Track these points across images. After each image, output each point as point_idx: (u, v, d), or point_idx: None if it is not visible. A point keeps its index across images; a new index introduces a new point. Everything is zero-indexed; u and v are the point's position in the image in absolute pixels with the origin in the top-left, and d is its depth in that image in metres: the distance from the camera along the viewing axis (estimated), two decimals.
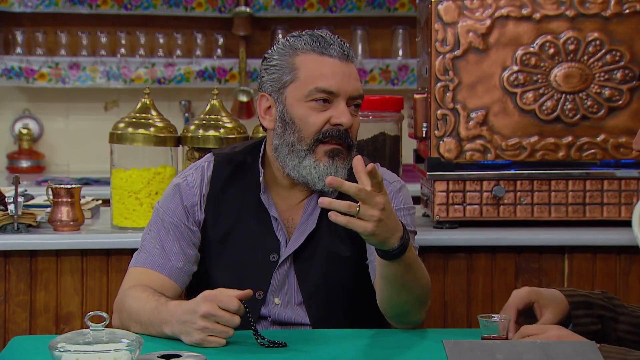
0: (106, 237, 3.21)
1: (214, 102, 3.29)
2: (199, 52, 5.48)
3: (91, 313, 1.99)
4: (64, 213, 3.21)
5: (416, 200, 3.01)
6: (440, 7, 3.24)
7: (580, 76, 3.25)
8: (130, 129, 3.22)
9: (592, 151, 3.27)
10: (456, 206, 3.27)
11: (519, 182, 3.27)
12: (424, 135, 3.28)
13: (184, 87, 5.45)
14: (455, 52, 3.24)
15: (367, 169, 2.19)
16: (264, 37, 5.54)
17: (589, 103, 3.26)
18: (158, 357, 2.08)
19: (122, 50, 5.46)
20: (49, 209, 3.25)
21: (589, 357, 1.91)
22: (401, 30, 5.51)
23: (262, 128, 2.65)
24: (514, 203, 3.27)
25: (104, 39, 5.45)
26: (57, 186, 3.22)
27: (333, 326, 2.52)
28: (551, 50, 3.25)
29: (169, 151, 3.28)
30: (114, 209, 3.27)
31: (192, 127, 3.24)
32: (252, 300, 2.40)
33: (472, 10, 3.24)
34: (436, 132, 3.26)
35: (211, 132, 3.22)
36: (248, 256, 2.58)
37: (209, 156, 2.68)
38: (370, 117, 3.35)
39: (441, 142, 3.26)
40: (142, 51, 5.46)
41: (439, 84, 3.25)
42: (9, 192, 3.22)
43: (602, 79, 3.25)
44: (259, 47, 5.49)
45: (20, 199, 3.15)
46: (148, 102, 3.29)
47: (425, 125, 3.28)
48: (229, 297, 2.29)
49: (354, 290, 2.59)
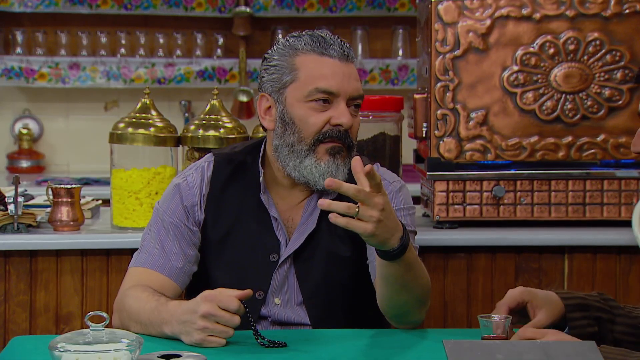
0: (106, 237, 3.21)
1: (214, 102, 3.29)
2: (199, 52, 5.48)
3: (91, 313, 1.99)
4: (64, 213, 3.21)
5: (416, 200, 3.01)
6: (440, 7, 3.24)
7: (580, 76, 3.25)
8: (130, 129, 3.22)
9: (592, 151, 3.27)
10: (456, 206, 3.27)
11: (519, 182, 3.27)
12: (424, 135, 3.28)
13: (184, 87, 5.45)
14: (455, 52, 3.24)
15: (364, 170, 2.19)
16: (264, 37, 5.53)
17: (589, 103, 3.26)
18: (158, 357, 2.07)
19: (122, 50, 5.45)
20: (49, 209, 3.25)
21: (589, 357, 1.91)
22: (401, 30, 5.50)
23: (262, 128, 2.65)
24: (514, 203, 3.27)
25: (104, 39, 5.45)
26: (57, 186, 3.22)
27: (333, 326, 2.52)
28: (551, 50, 3.25)
29: (169, 151, 3.28)
30: (114, 209, 3.27)
31: (192, 127, 3.24)
32: (252, 300, 2.40)
33: (472, 10, 3.24)
34: (436, 132, 3.26)
35: (211, 132, 3.22)
36: (248, 256, 2.58)
37: (209, 156, 2.68)
38: (370, 117, 3.35)
39: (441, 142, 3.26)
40: (142, 51, 5.46)
41: (439, 84, 3.25)
42: (9, 192, 3.22)
43: (602, 79, 3.25)
44: (259, 47, 5.49)
45: (20, 199, 3.15)
46: (148, 102, 3.29)
47: (425, 125, 3.28)
48: (229, 297, 2.29)
49: (354, 290, 2.59)
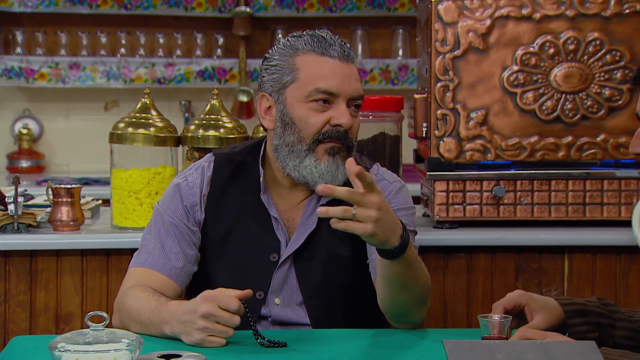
0: (106, 237, 3.21)
1: (214, 102, 3.29)
2: (199, 52, 5.48)
3: (91, 313, 1.99)
4: (64, 213, 3.21)
5: (416, 200, 3.01)
6: (440, 7, 3.24)
7: (580, 76, 3.25)
8: (130, 129, 3.22)
9: (592, 151, 3.27)
10: (456, 206, 3.27)
11: (519, 182, 3.27)
12: (424, 135, 3.28)
13: (184, 87, 5.45)
14: (455, 52, 3.24)
15: (354, 171, 2.17)
16: (264, 37, 5.53)
17: (589, 103, 3.26)
18: (158, 357, 2.07)
19: (122, 50, 5.45)
20: (49, 209, 3.25)
21: (589, 357, 1.91)
22: (401, 30, 5.50)
23: (263, 128, 2.65)
24: (514, 203, 3.27)
25: (104, 39, 5.45)
26: (57, 186, 3.22)
27: (333, 326, 2.52)
28: (551, 50, 3.24)
29: (169, 151, 3.28)
30: (114, 209, 3.27)
31: (192, 127, 3.24)
32: (252, 300, 2.40)
33: (472, 10, 3.24)
34: (436, 132, 3.26)
35: (211, 132, 3.22)
36: (248, 256, 2.58)
37: (209, 156, 2.68)
38: (370, 117, 3.35)
39: (441, 142, 3.26)
40: (142, 51, 5.46)
41: (439, 84, 3.25)
42: (9, 192, 3.22)
43: (602, 79, 3.25)
44: (259, 47, 5.49)
45: (20, 199, 3.15)
46: (148, 102, 3.29)
47: (425, 125, 3.28)
48: (229, 297, 2.29)
49: (354, 290, 2.59)
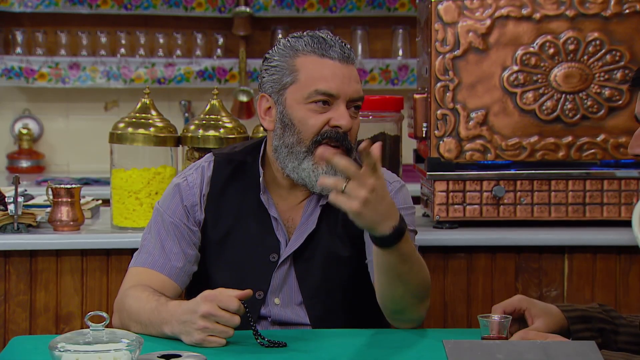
0: (106, 237, 3.21)
1: (214, 102, 3.29)
2: (199, 52, 5.48)
3: (91, 313, 1.99)
4: (64, 213, 3.21)
5: (416, 200, 3.01)
6: (440, 7, 3.24)
7: (580, 76, 3.25)
8: (130, 129, 3.22)
9: (592, 151, 3.27)
10: (456, 206, 3.27)
11: (519, 182, 3.27)
12: (424, 135, 3.28)
13: (184, 87, 5.45)
14: (455, 52, 3.24)
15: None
16: (264, 37, 5.53)
17: (589, 103, 3.26)
18: (158, 357, 2.08)
19: (122, 50, 5.45)
20: (49, 209, 3.25)
21: (589, 357, 1.91)
22: (401, 30, 5.50)
23: (263, 128, 2.65)
24: (514, 203, 3.27)
25: (104, 39, 5.45)
26: (57, 186, 3.22)
27: (333, 326, 2.52)
28: (551, 50, 3.24)
29: (169, 151, 3.28)
30: (114, 209, 3.27)
31: (192, 127, 3.24)
32: (252, 300, 2.40)
33: (472, 10, 3.24)
34: (436, 132, 3.26)
35: (211, 132, 3.22)
36: (248, 256, 2.58)
37: (209, 156, 2.68)
38: (370, 117, 3.35)
39: (441, 142, 3.26)
40: (142, 51, 5.46)
41: (439, 84, 3.25)
42: (9, 192, 3.22)
43: (602, 79, 3.25)
44: (259, 47, 5.49)
45: (20, 199, 3.15)
46: (148, 102, 3.29)
47: (425, 125, 3.28)
48: (228, 297, 2.29)
49: (354, 290, 2.59)
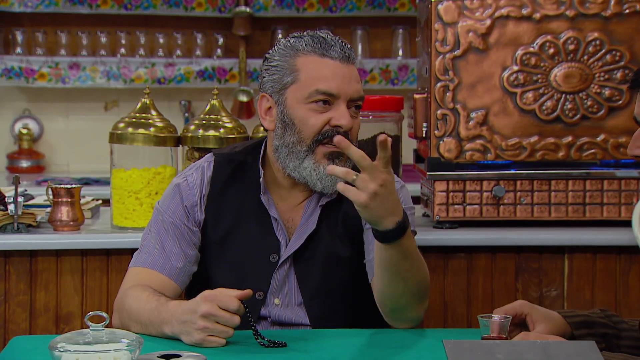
0: (106, 237, 3.21)
1: (214, 102, 3.29)
2: (199, 52, 5.48)
3: (91, 313, 1.99)
4: (64, 213, 3.21)
5: (416, 200, 3.01)
6: (440, 7, 3.24)
7: (580, 76, 3.25)
8: (130, 129, 3.22)
9: (592, 151, 3.27)
10: (456, 206, 3.27)
11: (519, 182, 3.27)
12: (424, 135, 3.28)
13: (184, 87, 5.45)
14: (455, 52, 3.24)
15: (379, 138, 2.20)
16: (264, 37, 5.53)
17: (589, 103, 3.26)
18: (158, 357, 2.08)
19: (122, 50, 5.45)
20: (49, 209, 3.25)
21: (589, 357, 1.91)
22: (401, 30, 5.50)
23: (263, 128, 2.65)
24: (514, 203, 3.27)
25: (104, 39, 5.45)
26: (57, 186, 3.22)
27: (333, 326, 2.52)
28: (551, 50, 3.24)
29: (169, 151, 3.28)
30: (114, 209, 3.27)
31: (192, 127, 3.24)
32: (252, 300, 2.40)
33: (472, 10, 3.24)
34: (436, 132, 3.26)
35: (211, 132, 3.22)
36: (248, 256, 2.58)
37: (209, 156, 2.68)
38: (370, 117, 3.35)
39: (441, 142, 3.26)
40: (142, 51, 5.46)
41: (439, 84, 3.25)
42: (9, 192, 3.22)
43: (602, 79, 3.25)
44: (259, 47, 5.49)
45: (20, 199, 3.15)
46: (148, 102, 3.29)
47: (425, 125, 3.28)
48: (228, 297, 2.29)
49: (353, 290, 2.59)
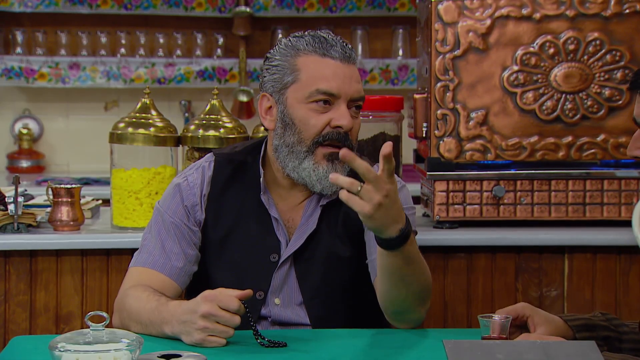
0: (106, 237, 3.21)
1: (214, 102, 3.29)
2: (199, 52, 5.48)
3: (91, 313, 1.99)
4: (64, 213, 3.21)
5: (416, 200, 3.01)
6: (440, 7, 3.24)
7: (580, 76, 3.25)
8: (130, 129, 3.22)
9: (592, 151, 3.27)
10: (456, 206, 3.27)
11: (519, 182, 3.27)
12: (424, 135, 3.28)
13: (184, 87, 5.45)
14: (455, 52, 3.24)
15: (383, 151, 2.20)
16: (264, 37, 5.53)
17: (589, 103, 3.26)
18: (158, 357, 2.07)
19: (122, 50, 5.45)
20: (49, 209, 3.25)
21: (589, 357, 1.91)
22: (401, 30, 5.50)
23: (264, 128, 2.65)
24: (514, 203, 3.27)
25: (104, 39, 5.45)
26: (57, 186, 3.22)
27: (333, 326, 2.52)
28: (551, 50, 3.24)
29: (169, 151, 3.28)
30: (114, 209, 3.27)
31: (192, 127, 3.24)
32: (252, 300, 2.40)
33: (472, 10, 3.24)
34: (436, 132, 3.26)
35: (211, 132, 3.22)
36: (248, 256, 2.58)
37: (209, 156, 2.68)
38: (370, 117, 3.35)
39: (441, 142, 3.26)
40: (142, 51, 5.46)
41: (439, 84, 3.25)
42: (9, 192, 3.22)
43: (602, 79, 3.25)
44: (259, 47, 5.49)
45: (20, 199, 3.15)
46: (148, 102, 3.29)
47: (425, 125, 3.28)
48: (229, 297, 2.29)
49: (354, 290, 2.59)
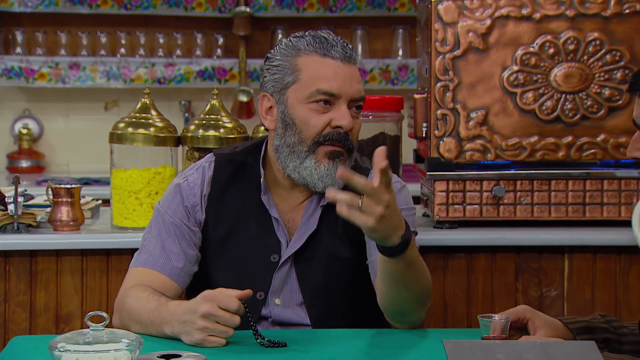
0: (106, 237, 3.21)
1: (214, 102, 3.29)
2: (199, 52, 5.48)
3: (91, 313, 1.99)
4: (64, 213, 3.21)
5: (416, 200, 3.01)
6: (440, 7, 3.24)
7: (580, 76, 3.25)
8: (130, 129, 3.22)
9: (592, 151, 3.27)
10: (456, 206, 3.27)
11: (519, 182, 3.27)
12: (424, 135, 3.28)
13: (184, 87, 5.45)
14: (455, 52, 3.24)
15: (380, 165, 2.18)
16: (264, 37, 5.53)
17: (589, 103, 3.26)
18: (158, 357, 2.08)
19: (122, 50, 5.45)
20: (49, 209, 3.25)
21: (589, 357, 1.91)
22: (401, 30, 5.50)
23: (264, 128, 2.65)
24: (514, 203, 3.27)
25: (104, 39, 5.45)
26: (57, 186, 3.22)
27: (333, 326, 2.52)
28: (551, 50, 3.24)
29: (169, 151, 3.28)
30: (114, 209, 3.27)
31: (192, 127, 3.24)
32: (252, 300, 2.40)
33: (472, 10, 3.24)
34: (436, 132, 3.26)
35: (211, 132, 3.22)
36: (249, 257, 2.58)
37: (209, 156, 2.68)
38: (370, 117, 3.35)
39: (441, 142, 3.26)
40: (142, 51, 5.46)
41: (439, 84, 3.25)
42: (9, 192, 3.22)
43: (602, 79, 3.25)
44: (259, 47, 5.49)
45: (20, 199, 3.15)
46: (148, 102, 3.29)
47: (425, 125, 3.28)
48: (229, 297, 2.29)
49: (354, 291, 2.59)
